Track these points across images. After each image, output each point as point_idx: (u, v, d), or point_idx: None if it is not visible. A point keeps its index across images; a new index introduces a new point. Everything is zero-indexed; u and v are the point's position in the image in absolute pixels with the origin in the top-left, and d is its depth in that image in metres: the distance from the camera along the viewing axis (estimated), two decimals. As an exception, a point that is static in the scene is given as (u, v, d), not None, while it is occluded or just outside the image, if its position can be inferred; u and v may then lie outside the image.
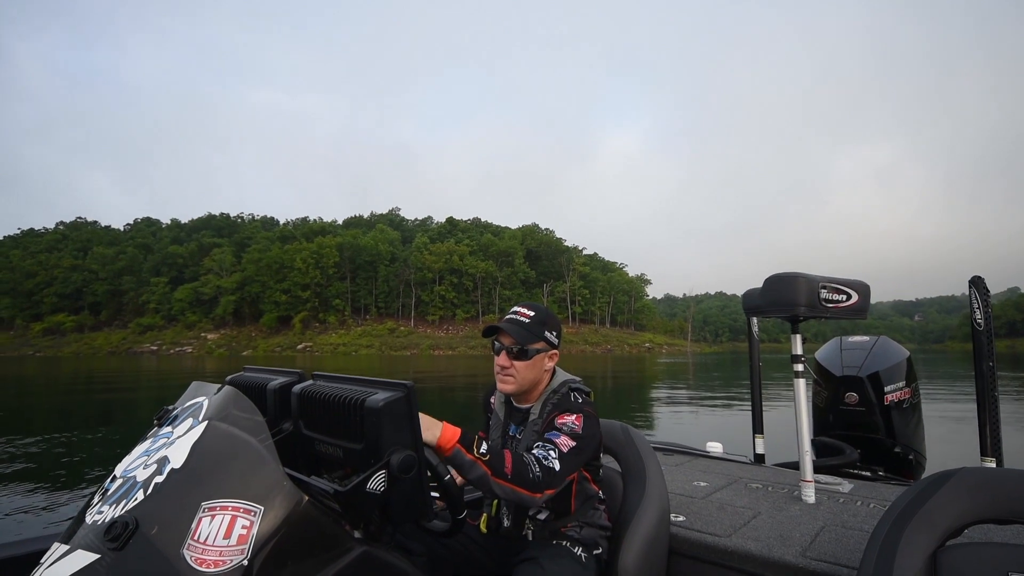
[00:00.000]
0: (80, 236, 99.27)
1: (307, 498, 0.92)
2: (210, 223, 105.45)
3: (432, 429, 1.18)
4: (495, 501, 1.63)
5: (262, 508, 0.85)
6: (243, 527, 0.83)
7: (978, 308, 2.62)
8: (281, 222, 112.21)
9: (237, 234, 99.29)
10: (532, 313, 1.55)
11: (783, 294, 2.15)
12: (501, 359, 1.53)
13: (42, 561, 0.87)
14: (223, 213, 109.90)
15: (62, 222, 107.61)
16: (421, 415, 1.15)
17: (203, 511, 0.83)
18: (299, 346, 79.45)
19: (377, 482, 0.97)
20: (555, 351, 1.59)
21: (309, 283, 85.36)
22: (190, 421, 1.01)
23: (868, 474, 3.16)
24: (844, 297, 2.24)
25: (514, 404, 1.65)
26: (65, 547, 0.86)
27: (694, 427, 9.85)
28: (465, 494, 1.85)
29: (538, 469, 1.29)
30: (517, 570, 1.43)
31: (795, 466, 2.47)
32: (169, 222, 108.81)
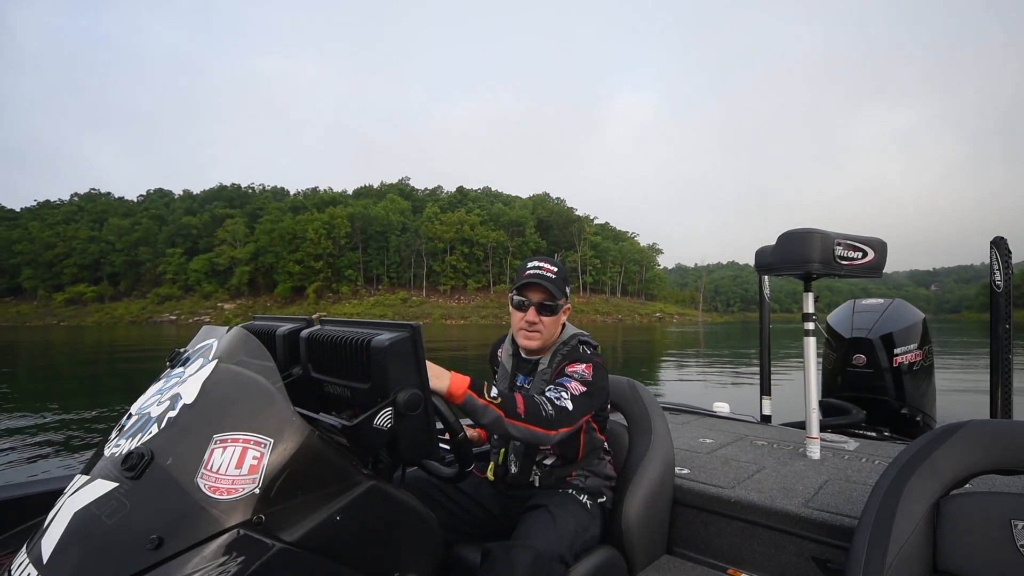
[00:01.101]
0: (95, 208, 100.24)
1: (316, 432, 0.94)
2: (221, 194, 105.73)
3: (441, 378, 1.18)
4: (502, 450, 1.65)
5: (272, 440, 0.88)
6: (254, 458, 0.85)
7: (998, 269, 2.56)
8: (291, 192, 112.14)
9: (248, 205, 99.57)
10: (556, 269, 1.57)
11: (797, 251, 2.10)
12: (530, 315, 1.53)
13: (65, 491, 0.91)
14: (234, 184, 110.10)
15: (76, 193, 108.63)
16: (430, 364, 1.15)
17: (215, 443, 0.86)
18: (313, 316, 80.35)
19: (384, 419, 0.99)
20: (569, 305, 1.63)
21: (322, 253, 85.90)
22: (201, 361, 1.05)
23: (874, 434, 3.16)
24: (860, 255, 2.19)
25: (523, 356, 1.66)
26: (86, 477, 0.91)
27: (702, 393, 9.91)
28: (474, 447, 1.89)
29: (551, 408, 1.31)
30: (525, 516, 1.45)
31: (801, 426, 2.48)
32: (181, 193, 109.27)
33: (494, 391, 1.26)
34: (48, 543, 0.83)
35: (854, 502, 1.63)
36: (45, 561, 0.80)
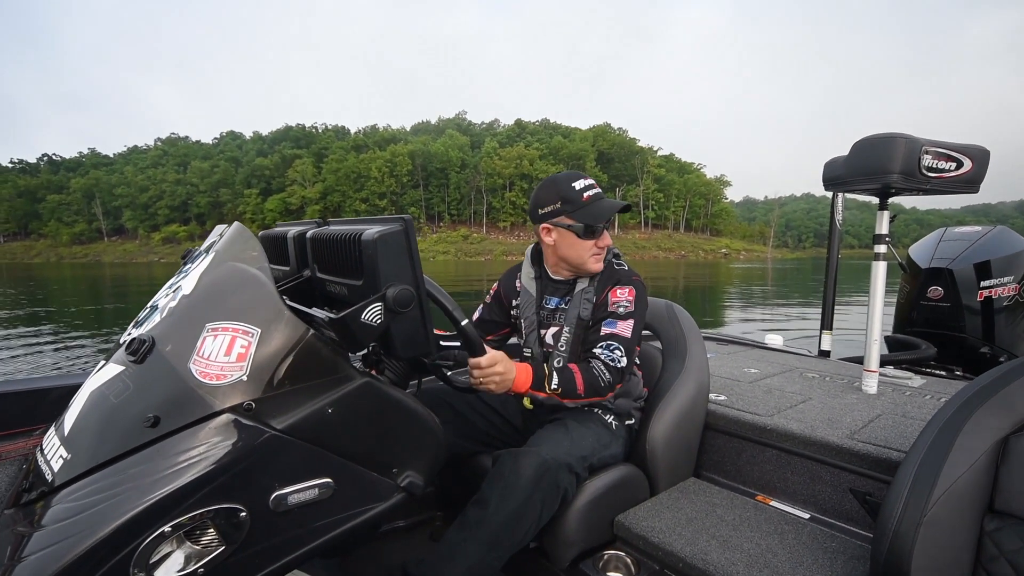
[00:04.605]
0: (177, 151, 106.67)
1: (308, 327, 0.94)
2: (288, 134, 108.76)
3: (509, 372, 1.25)
4: None
5: (260, 330, 0.90)
6: (242, 346, 0.88)
7: None
8: (352, 131, 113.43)
9: (313, 145, 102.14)
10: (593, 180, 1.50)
11: (874, 159, 1.76)
12: (605, 239, 1.47)
13: (90, 375, 1.03)
14: (299, 124, 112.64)
15: (159, 138, 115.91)
16: (502, 356, 1.23)
17: (207, 331, 0.90)
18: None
19: (373, 314, 0.96)
20: None
21: (385, 192, 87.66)
22: (203, 255, 1.10)
23: (943, 373, 2.85)
24: (953, 165, 1.80)
25: (551, 276, 1.58)
26: (104, 363, 1.01)
27: (760, 329, 9.45)
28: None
29: (608, 375, 1.33)
30: (543, 429, 1.45)
31: (861, 361, 2.27)
32: (252, 135, 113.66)
33: (555, 381, 1.30)
34: (70, 419, 0.92)
35: (907, 437, 1.48)
36: (66, 434, 0.89)
